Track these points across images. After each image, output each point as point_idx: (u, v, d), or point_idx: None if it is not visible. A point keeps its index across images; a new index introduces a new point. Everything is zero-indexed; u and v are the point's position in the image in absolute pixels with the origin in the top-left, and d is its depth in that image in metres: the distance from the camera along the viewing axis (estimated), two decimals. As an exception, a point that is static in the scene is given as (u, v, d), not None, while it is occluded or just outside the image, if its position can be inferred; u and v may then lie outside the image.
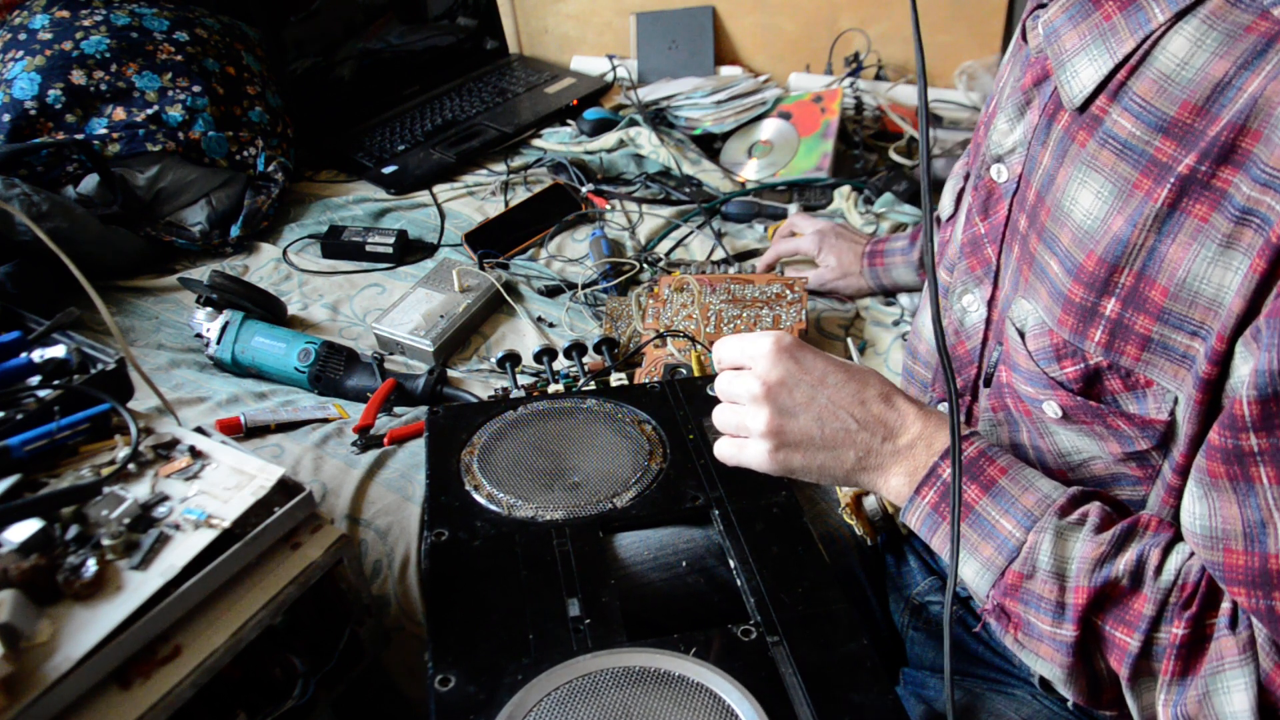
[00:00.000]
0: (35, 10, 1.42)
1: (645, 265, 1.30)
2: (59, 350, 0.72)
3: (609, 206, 1.45)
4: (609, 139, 1.57)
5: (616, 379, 0.97)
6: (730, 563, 0.74)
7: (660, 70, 1.78)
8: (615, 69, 1.77)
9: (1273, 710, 0.52)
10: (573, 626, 0.67)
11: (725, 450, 0.70)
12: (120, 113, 1.36)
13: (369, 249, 1.35)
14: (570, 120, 1.68)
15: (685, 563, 0.79)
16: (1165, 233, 0.55)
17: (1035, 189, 0.64)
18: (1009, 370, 0.69)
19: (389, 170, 1.54)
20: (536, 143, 1.63)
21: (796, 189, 1.46)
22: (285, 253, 1.39)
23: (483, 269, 1.30)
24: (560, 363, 1.05)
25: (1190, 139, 0.53)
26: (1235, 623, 0.54)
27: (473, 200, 1.49)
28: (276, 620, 0.63)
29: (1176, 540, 0.58)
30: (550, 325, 1.23)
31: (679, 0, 1.79)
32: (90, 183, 1.32)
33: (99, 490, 0.62)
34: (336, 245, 1.37)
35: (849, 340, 1.18)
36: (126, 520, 0.61)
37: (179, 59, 1.41)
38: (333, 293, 1.32)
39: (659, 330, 1.12)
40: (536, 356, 1.01)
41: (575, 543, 0.74)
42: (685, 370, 1.04)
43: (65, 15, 1.40)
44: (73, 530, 0.60)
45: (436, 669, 0.63)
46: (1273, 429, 0.50)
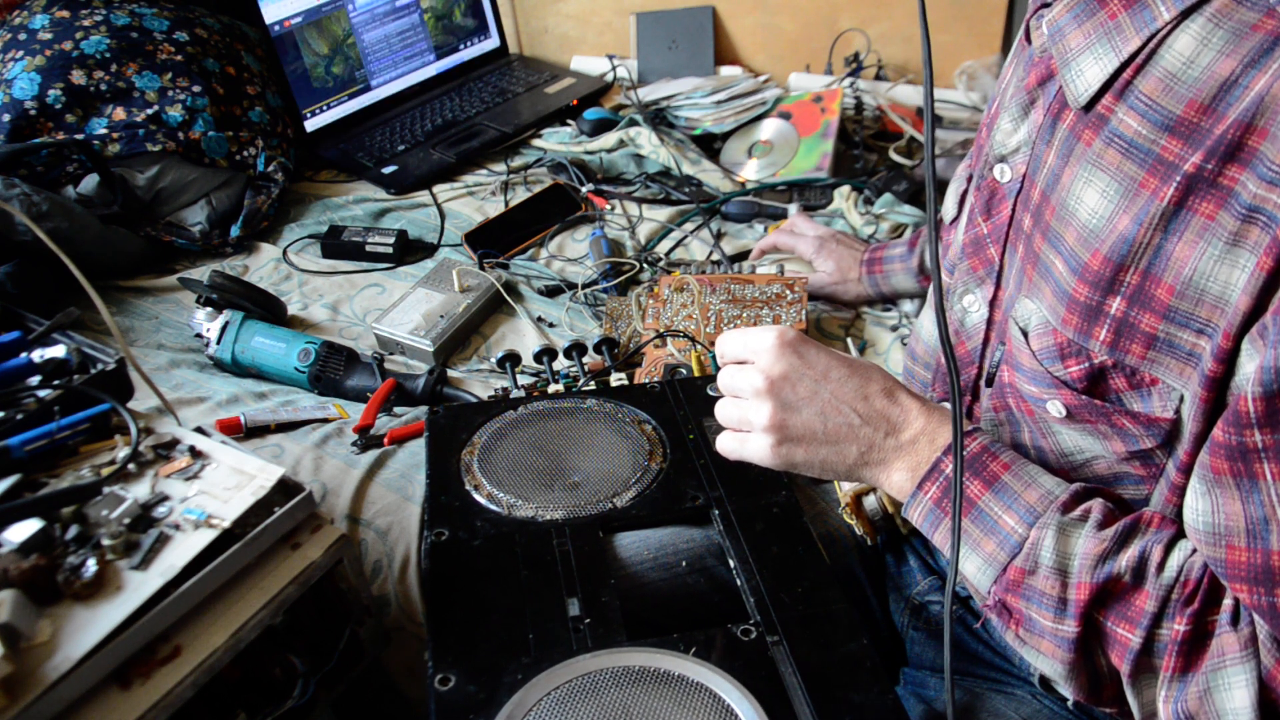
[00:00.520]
0: (35, 10, 1.42)
1: (645, 265, 1.30)
2: (59, 350, 0.72)
3: (609, 206, 1.44)
4: (609, 139, 1.57)
5: (616, 379, 0.97)
6: (730, 562, 0.74)
7: (660, 70, 1.78)
8: (615, 69, 1.77)
9: (1273, 707, 0.52)
10: (573, 626, 0.67)
11: (727, 445, 0.70)
12: (120, 113, 1.36)
13: (369, 249, 1.35)
14: (570, 120, 1.67)
15: (685, 562, 0.79)
16: (1171, 231, 0.55)
17: (1040, 188, 0.64)
18: (1012, 370, 0.69)
19: (389, 170, 1.54)
20: (536, 143, 1.63)
21: (796, 189, 1.46)
22: (285, 253, 1.39)
23: (483, 269, 1.30)
24: (560, 363, 1.05)
25: (1197, 137, 0.53)
26: (1237, 619, 0.54)
27: (473, 200, 1.49)
28: (276, 620, 0.63)
29: (1179, 537, 0.58)
30: (550, 325, 1.23)
31: (679, 0, 1.79)
32: (90, 183, 1.32)
33: (99, 490, 0.62)
34: (336, 245, 1.37)
35: (849, 340, 1.18)
36: (126, 520, 0.61)
37: (179, 59, 1.41)
38: (333, 293, 1.31)
39: (659, 330, 1.12)
40: (536, 356, 1.01)
41: (575, 542, 0.74)
42: (685, 370, 1.04)
43: (65, 15, 1.40)
44: (73, 530, 0.60)
45: (436, 669, 0.63)
46: (1277, 425, 0.50)
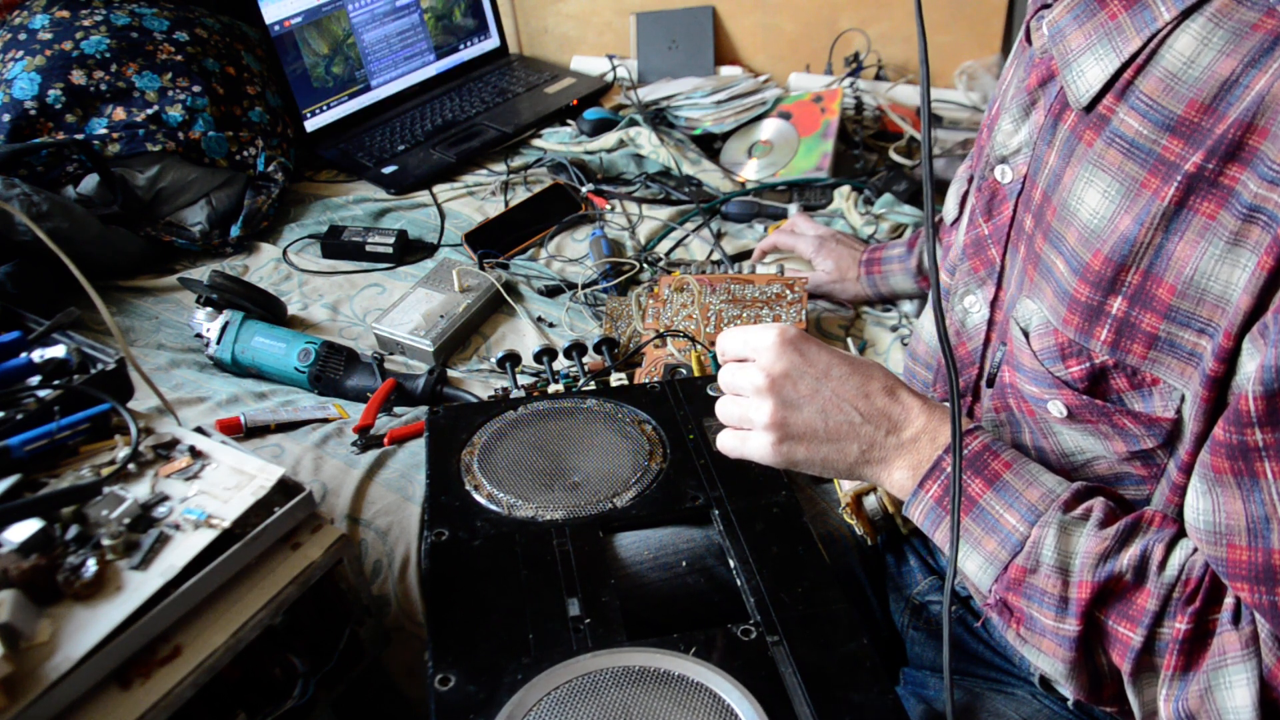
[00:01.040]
0: (35, 10, 1.42)
1: (645, 265, 1.30)
2: (59, 350, 0.72)
3: (609, 206, 1.45)
4: (609, 139, 1.57)
5: (616, 379, 0.97)
6: (730, 562, 0.74)
7: (660, 70, 1.78)
8: (615, 69, 1.77)
9: (1274, 705, 0.52)
10: (573, 626, 0.67)
11: (728, 442, 0.70)
12: (120, 113, 1.36)
13: (369, 249, 1.35)
14: (570, 120, 1.68)
15: (685, 562, 0.79)
16: (1173, 231, 0.55)
17: (1041, 189, 0.64)
18: (1013, 370, 0.68)
19: (389, 170, 1.54)
20: (536, 143, 1.63)
21: (796, 189, 1.46)
22: (285, 253, 1.39)
23: (483, 269, 1.30)
24: (560, 363, 1.05)
25: (1198, 137, 0.53)
26: (1238, 618, 0.54)
27: (473, 200, 1.49)
28: (276, 620, 0.63)
29: (1180, 536, 0.58)
30: (550, 325, 1.23)
31: (679, 0, 1.79)
32: (90, 183, 1.32)
33: (99, 490, 0.62)
34: (336, 245, 1.37)
35: (849, 340, 1.18)
36: (126, 520, 0.61)
37: (179, 59, 1.41)
38: (333, 293, 1.31)
39: (659, 330, 1.12)
40: (536, 356, 1.01)
41: (575, 542, 0.74)
42: (685, 370, 1.04)
43: (65, 15, 1.40)
44: (73, 530, 0.60)
45: (436, 669, 0.63)
46: (1278, 424, 0.50)
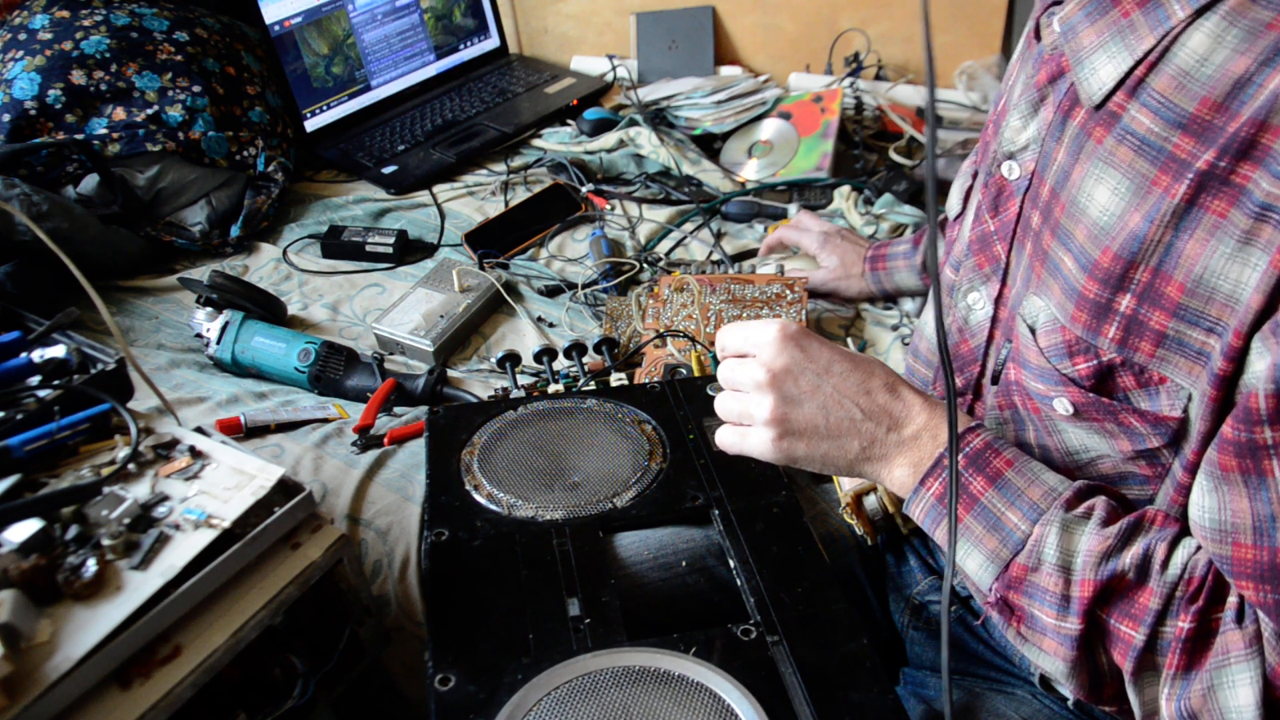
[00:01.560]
0: (35, 10, 1.42)
1: (645, 265, 1.30)
2: (59, 350, 0.72)
3: (609, 206, 1.44)
4: (609, 139, 1.57)
5: (616, 379, 0.97)
6: (730, 562, 0.74)
7: (660, 70, 1.78)
8: (615, 69, 1.77)
9: (1277, 704, 0.52)
10: (573, 626, 0.67)
11: (728, 438, 0.70)
12: (120, 113, 1.36)
13: (369, 249, 1.35)
14: (570, 120, 1.67)
15: (685, 562, 0.79)
16: (1183, 229, 0.54)
17: (1049, 185, 0.64)
18: (1018, 368, 0.68)
19: (389, 170, 1.54)
20: (536, 143, 1.63)
21: (796, 189, 1.46)
22: (285, 253, 1.39)
23: (483, 269, 1.30)
24: (560, 363, 1.05)
25: (1209, 135, 0.53)
26: (1241, 617, 0.54)
27: (473, 200, 1.48)
28: (276, 620, 0.63)
29: (1183, 534, 0.58)
30: (550, 325, 1.23)
31: (679, 0, 1.79)
32: (90, 183, 1.32)
33: (99, 490, 0.62)
34: (336, 245, 1.37)
35: (849, 339, 1.18)
36: (126, 520, 0.61)
37: (179, 59, 1.41)
38: (333, 293, 1.31)
39: (659, 330, 1.12)
40: (536, 356, 1.01)
41: (575, 542, 0.74)
42: (685, 370, 1.04)
43: (65, 15, 1.40)
44: (73, 530, 0.60)
45: (436, 669, 0.63)
46: None
